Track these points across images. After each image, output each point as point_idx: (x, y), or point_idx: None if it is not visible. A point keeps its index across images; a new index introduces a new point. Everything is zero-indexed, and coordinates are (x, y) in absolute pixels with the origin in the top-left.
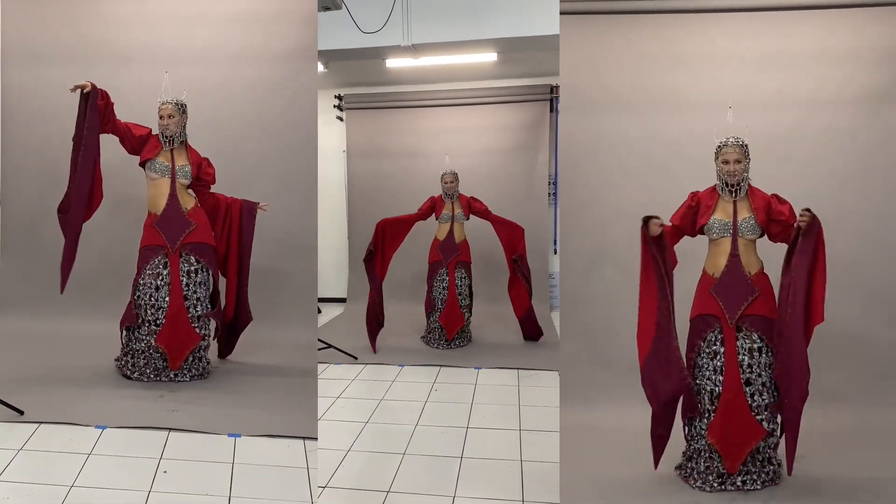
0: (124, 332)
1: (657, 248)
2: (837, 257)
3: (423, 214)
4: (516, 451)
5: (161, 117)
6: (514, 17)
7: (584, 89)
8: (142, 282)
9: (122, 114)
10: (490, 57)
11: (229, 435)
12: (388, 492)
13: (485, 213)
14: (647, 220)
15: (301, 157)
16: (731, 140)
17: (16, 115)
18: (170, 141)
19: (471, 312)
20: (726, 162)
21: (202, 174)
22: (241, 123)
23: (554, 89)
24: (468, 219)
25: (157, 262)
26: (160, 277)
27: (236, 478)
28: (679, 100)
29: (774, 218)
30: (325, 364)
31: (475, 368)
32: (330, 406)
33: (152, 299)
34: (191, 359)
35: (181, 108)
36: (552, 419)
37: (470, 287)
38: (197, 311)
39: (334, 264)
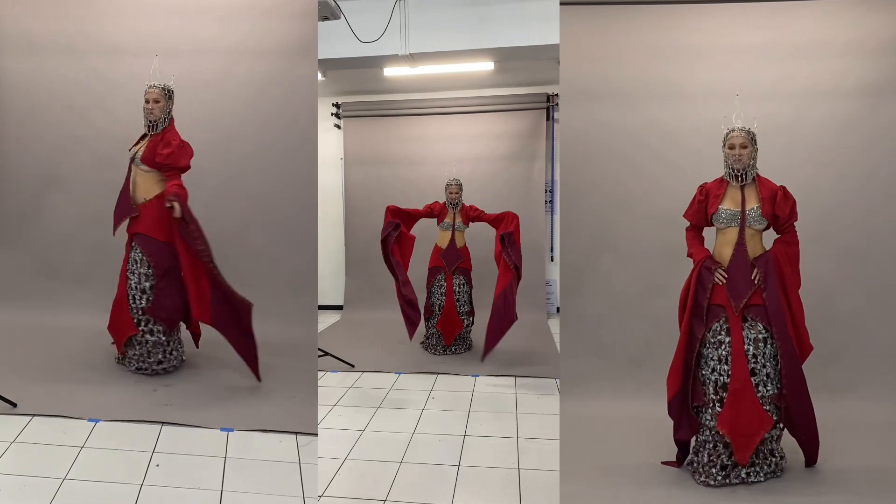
0: None
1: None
2: (837, 248)
3: (430, 213)
4: (514, 459)
5: (147, 101)
6: (511, 26)
7: (583, 80)
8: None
9: (118, 105)
10: (487, 66)
11: (222, 429)
12: (384, 500)
13: (478, 217)
14: (710, 268)
15: (301, 150)
16: (738, 126)
17: (11, 107)
18: (153, 126)
19: (472, 320)
20: (732, 147)
21: (156, 156)
22: (238, 116)
23: (551, 97)
24: (467, 227)
25: (127, 246)
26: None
27: (228, 472)
28: (679, 90)
29: (776, 212)
30: (322, 371)
31: (472, 376)
32: (327, 414)
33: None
34: (139, 351)
35: (167, 94)
36: (550, 427)
37: (470, 294)
38: (139, 303)
39: (331, 271)
